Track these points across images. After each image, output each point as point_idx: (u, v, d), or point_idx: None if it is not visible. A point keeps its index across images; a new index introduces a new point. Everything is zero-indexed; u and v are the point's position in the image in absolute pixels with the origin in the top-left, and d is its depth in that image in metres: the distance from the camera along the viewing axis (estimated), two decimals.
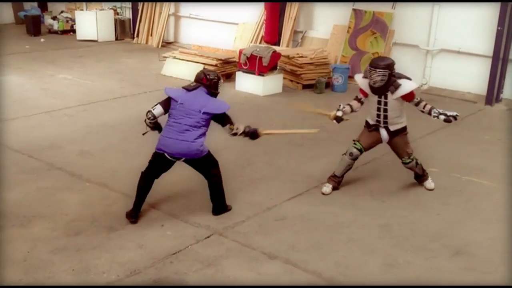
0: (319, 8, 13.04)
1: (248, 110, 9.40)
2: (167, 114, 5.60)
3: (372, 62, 6.04)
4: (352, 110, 6.39)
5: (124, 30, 16.50)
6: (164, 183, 5.80)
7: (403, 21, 11.66)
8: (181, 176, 6.13)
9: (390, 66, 5.98)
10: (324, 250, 5.20)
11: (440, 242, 5.40)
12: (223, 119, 5.57)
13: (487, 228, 5.73)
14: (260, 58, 10.74)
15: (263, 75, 10.83)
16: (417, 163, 6.39)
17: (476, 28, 10.78)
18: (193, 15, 15.27)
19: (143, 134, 5.80)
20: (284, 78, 11.33)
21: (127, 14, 16.77)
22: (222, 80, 5.71)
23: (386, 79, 5.95)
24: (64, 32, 16.81)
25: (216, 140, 7.79)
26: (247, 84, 10.92)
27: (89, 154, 7.36)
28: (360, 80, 6.30)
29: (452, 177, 6.96)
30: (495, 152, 7.98)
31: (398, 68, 10.72)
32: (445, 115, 6.02)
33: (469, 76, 10.97)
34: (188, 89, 5.55)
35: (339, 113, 6.36)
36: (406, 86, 6.02)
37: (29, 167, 6.81)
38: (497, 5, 10.23)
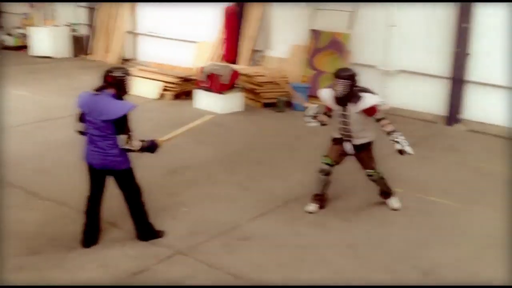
0: (278, 27, 13.13)
1: (209, 128, 9.32)
2: None
3: (335, 73, 6.05)
4: (323, 124, 6.40)
5: (81, 47, 16.24)
6: (122, 200, 5.63)
7: (361, 42, 11.83)
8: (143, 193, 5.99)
9: (352, 77, 5.98)
10: (291, 270, 5.13)
11: (408, 263, 5.37)
12: (118, 126, 4.96)
13: (453, 249, 5.72)
14: (220, 76, 10.72)
15: (222, 93, 10.80)
16: (382, 177, 6.40)
17: (433, 49, 11.00)
18: (151, 32, 15.16)
19: None
20: (245, 96, 11.33)
21: (83, 30, 16.52)
22: (129, 77, 5.11)
23: (348, 89, 5.94)
24: (19, 48, 16.43)
25: (177, 159, 7.74)
26: (207, 102, 10.86)
27: (47, 171, 7.14)
28: (323, 94, 6.29)
29: (416, 198, 6.96)
30: (457, 172, 8.08)
31: None
32: (401, 146, 5.95)
33: (428, 97, 11.16)
34: (95, 91, 5.05)
35: (310, 112, 6.41)
36: (367, 100, 6.01)
37: None
38: (452, 27, 10.50)
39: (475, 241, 5.93)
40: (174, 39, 14.61)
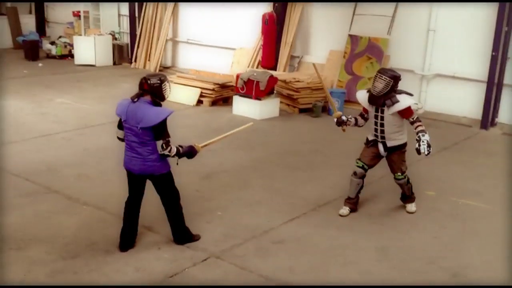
0: (316, 33, 13.19)
1: (245, 133, 9.43)
2: None
3: (380, 69, 6.07)
4: (356, 123, 6.41)
5: (122, 55, 16.62)
6: (159, 205, 5.78)
7: (399, 47, 11.79)
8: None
9: (396, 78, 5.94)
10: (321, 273, 5.19)
11: (437, 264, 5.40)
12: (157, 132, 5.06)
13: (483, 251, 5.73)
14: (257, 82, 10.83)
15: (260, 99, 10.90)
16: (408, 181, 6.39)
17: (470, 53, 10.91)
18: (191, 40, 15.42)
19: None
20: (280, 102, 11.41)
21: (125, 39, 16.92)
22: (167, 83, 5.17)
23: (387, 89, 5.90)
24: (62, 56, 16.92)
25: (213, 164, 7.88)
26: (244, 108, 10.99)
27: (86, 177, 7.37)
28: (360, 94, 6.32)
29: (449, 201, 6.98)
30: (491, 176, 8.01)
31: None
32: (419, 144, 5.91)
33: (464, 101, 11.06)
34: (132, 99, 5.12)
35: (344, 117, 6.37)
36: (403, 102, 5.97)
37: (26, 190, 6.82)
38: (491, 31, 10.36)
39: (505, 244, 5.87)
40: (213, 46, 14.81)
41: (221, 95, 12.03)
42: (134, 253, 5.39)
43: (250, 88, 10.92)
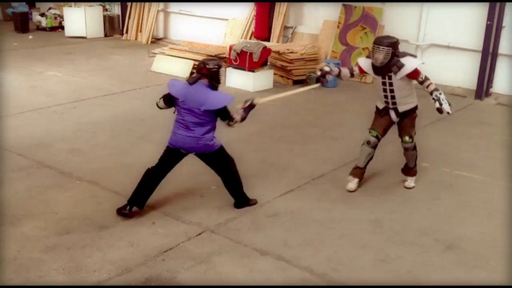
0: (309, 3, 13.03)
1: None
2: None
3: (376, 40, 5.93)
4: (339, 75, 6.29)
5: (113, 26, 16.40)
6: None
7: (393, 16, 11.68)
8: (171, 173, 6.09)
9: (394, 44, 5.83)
10: (316, 246, 5.20)
11: (431, 236, 5.42)
12: (222, 114, 5.44)
13: (477, 223, 5.76)
14: (251, 54, 10.72)
15: (253, 71, 10.81)
16: (414, 147, 6.33)
17: (465, 22, 10.82)
18: (182, 11, 15.21)
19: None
20: (274, 74, 11.32)
21: (116, 10, 16.68)
22: (223, 68, 5.50)
23: (389, 58, 5.80)
24: (53, 28, 16.70)
25: None
26: (238, 80, 10.90)
27: (79, 151, 7.32)
28: (362, 61, 6.22)
29: (442, 172, 6.99)
30: (485, 147, 8.02)
31: None
32: (440, 104, 5.88)
33: (458, 71, 11.01)
34: (189, 82, 5.40)
35: (326, 68, 6.24)
36: (409, 65, 5.87)
37: (19, 165, 6.76)
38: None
39: (499, 215, 5.91)
40: (205, 17, 14.62)
41: None
42: (128, 228, 5.38)
43: (244, 60, 10.82)
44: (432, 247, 5.23)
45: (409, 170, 6.51)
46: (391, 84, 5.98)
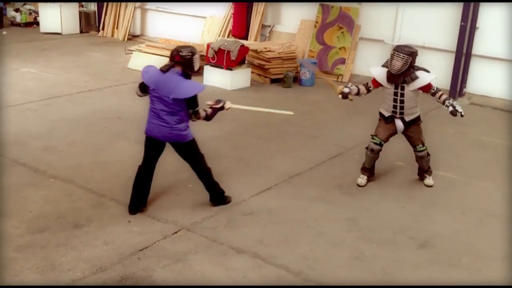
0: (287, 2, 13.05)
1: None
2: None
3: (396, 47, 6.05)
4: (358, 93, 6.39)
5: (89, 22, 16.21)
6: (129, 179, 5.72)
7: (369, 17, 11.76)
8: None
9: (413, 54, 5.96)
10: (292, 244, 5.22)
11: (405, 234, 5.48)
12: (190, 103, 5.35)
13: (451, 221, 5.84)
14: (228, 52, 10.70)
15: (231, 69, 10.79)
16: (428, 153, 6.45)
17: (440, 23, 10.96)
18: (160, 8, 15.12)
19: None
20: (252, 72, 11.32)
21: (92, 6, 16.49)
22: (197, 55, 5.36)
23: (407, 66, 5.92)
24: (27, 24, 16.44)
25: None
26: (215, 78, 10.87)
27: (54, 149, 7.23)
28: (376, 71, 6.30)
29: (417, 171, 7.04)
30: (459, 146, 8.14)
31: (364, 63, 10.86)
32: (454, 107, 6.12)
33: (433, 71, 10.96)
34: (162, 69, 5.29)
35: (346, 90, 6.36)
36: (423, 78, 6.06)
37: None
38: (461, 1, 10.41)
39: (474, 214, 6.02)
40: (183, 15, 14.55)
41: None
42: (104, 227, 5.33)
43: (221, 58, 10.80)
44: (406, 245, 5.29)
45: (425, 172, 6.62)
46: (402, 95, 6.11)
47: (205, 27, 14.12)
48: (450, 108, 6.15)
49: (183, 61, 5.25)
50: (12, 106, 8.87)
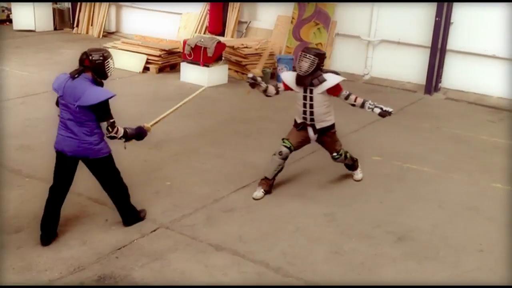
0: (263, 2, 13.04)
1: (194, 101, 9.31)
2: None
3: (304, 48, 5.92)
4: (265, 91, 6.14)
5: (63, 19, 16.01)
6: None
7: (345, 13, 11.81)
8: (124, 168, 5.99)
9: (320, 55, 5.83)
10: (271, 240, 5.23)
11: (383, 228, 5.53)
12: (98, 113, 4.72)
13: (428, 215, 5.90)
14: (205, 48, 10.67)
15: (208, 66, 10.76)
16: (346, 156, 6.32)
17: (414, 19, 11.05)
18: (135, 4, 14.99)
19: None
20: (229, 69, 11.30)
21: (66, 3, 16.27)
22: (111, 60, 4.81)
23: (313, 68, 5.76)
24: (0, 22, 16.17)
25: (161, 132, 7.74)
26: (192, 75, 10.82)
27: (29, 148, 7.13)
28: (286, 74, 6.23)
29: (393, 165, 7.13)
30: (434, 140, 8.23)
31: (341, 59, 10.89)
32: (381, 108, 5.97)
33: (409, 66, 11.25)
34: (71, 75, 4.75)
35: (259, 78, 6.07)
36: (331, 80, 5.87)
37: None
38: None
39: (450, 207, 6.09)
40: (159, 11, 14.45)
41: (168, 61, 11.80)
42: (81, 226, 5.29)
43: (198, 55, 10.76)
44: (384, 239, 5.34)
45: (351, 167, 6.57)
46: (311, 99, 5.92)
47: (181, 23, 14.05)
48: (377, 110, 5.96)
49: (93, 66, 4.72)
50: None
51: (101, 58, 4.73)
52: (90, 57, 4.72)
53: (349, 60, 11.75)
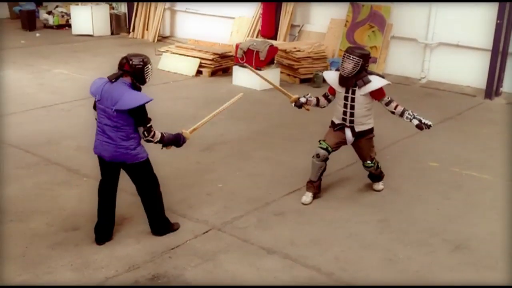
0: (316, 1, 12.98)
1: (246, 105, 9.36)
2: None
3: (347, 49, 5.74)
4: (318, 104, 6.09)
5: (120, 24, 16.43)
6: (164, 179, 5.71)
7: (401, 15, 11.62)
8: (177, 170, 6.09)
9: (365, 56, 5.64)
10: (323, 245, 5.17)
11: (440, 236, 5.38)
12: (136, 117, 4.69)
13: (487, 223, 5.71)
14: (257, 52, 10.69)
15: (260, 70, 10.76)
16: (378, 166, 6.16)
17: (475, 21, 10.75)
18: (189, 9, 15.20)
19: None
20: (281, 72, 11.29)
21: (123, 8, 16.68)
22: (150, 66, 4.79)
23: (358, 69, 5.59)
24: (60, 26, 16.73)
25: (213, 135, 7.81)
26: (244, 78, 10.87)
27: (87, 149, 7.25)
28: (328, 74, 6.06)
29: (452, 172, 6.93)
30: (494, 146, 7.95)
31: (396, 62, 10.70)
32: (419, 120, 5.69)
33: (468, 70, 10.94)
34: (110, 79, 4.73)
35: (302, 99, 6.06)
36: (375, 82, 5.68)
37: (26, 162, 6.77)
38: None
39: (508, 216, 5.85)
40: (212, 16, 14.61)
41: (221, 65, 11.91)
42: (135, 225, 5.37)
43: (250, 58, 10.79)
44: (441, 247, 5.19)
45: (376, 178, 6.34)
46: (353, 100, 5.75)
47: (233, 27, 14.15)
48: (415, 122, 5.66)
49: (133, 71, 4.68)
50: (45, 106, 9.02)
51: (141, 63, 4.71)
52: (130, 62, 4.69)
53: (405, 63, 11.53)
